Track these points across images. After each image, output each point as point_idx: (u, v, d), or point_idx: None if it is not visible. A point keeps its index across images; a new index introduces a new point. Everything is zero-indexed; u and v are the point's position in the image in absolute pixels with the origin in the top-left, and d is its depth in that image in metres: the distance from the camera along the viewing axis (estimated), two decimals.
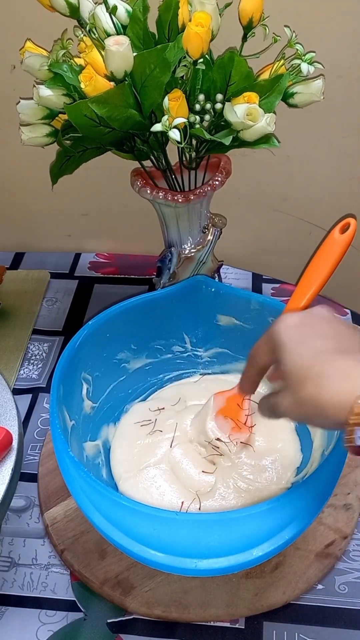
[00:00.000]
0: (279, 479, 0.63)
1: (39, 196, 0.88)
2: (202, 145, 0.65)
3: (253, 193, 0.90)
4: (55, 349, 0.84)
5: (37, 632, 0.57)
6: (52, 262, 0.98)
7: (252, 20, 0.61)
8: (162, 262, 0.74)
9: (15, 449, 0.58)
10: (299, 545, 0.60)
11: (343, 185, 0.88)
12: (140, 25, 0.59)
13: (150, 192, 0.67)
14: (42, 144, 0.65)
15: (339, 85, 0.77)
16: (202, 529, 0.49)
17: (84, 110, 0.57)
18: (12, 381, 0.79)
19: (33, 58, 0.61)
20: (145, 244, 0.95)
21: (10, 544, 0.63)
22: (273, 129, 0.60)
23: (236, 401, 0.66)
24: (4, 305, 0.90)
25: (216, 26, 0.60)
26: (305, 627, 0.56)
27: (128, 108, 0.58)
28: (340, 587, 0.59)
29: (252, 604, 0.57)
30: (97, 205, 0.95)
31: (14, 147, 0.68)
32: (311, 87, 0.63)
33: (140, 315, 0.69)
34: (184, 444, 0.66)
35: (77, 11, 0.59)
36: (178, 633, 0.57)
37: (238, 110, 0.58)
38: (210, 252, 0.73)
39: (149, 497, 0.62)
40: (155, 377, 0.74)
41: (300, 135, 0.82)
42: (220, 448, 0.65)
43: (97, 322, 0.66)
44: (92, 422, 0.67)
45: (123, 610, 0.58)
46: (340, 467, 0.52)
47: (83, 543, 0.61)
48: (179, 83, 0.61)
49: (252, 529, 0.49)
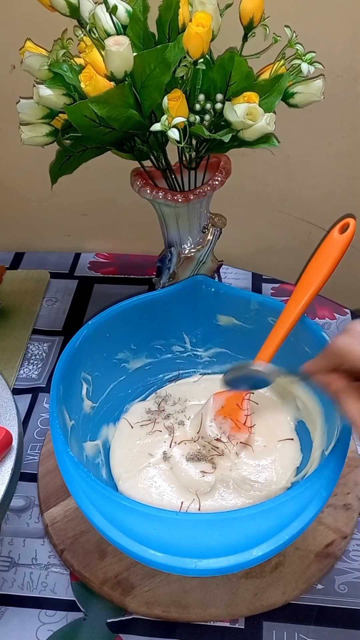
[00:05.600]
0: (278, 479, 0.63)
1: (38, 196, 0.88)
2: (202, 144, 0.65)
3: (253, 193, 0.90)
4: (55, 348, 0.84)
5: (37, 632, 0.57)
6: (52, 262, 0.98)
7: (253, 20, 0.61)
8: (162, 262, 0.75)
9: (15, 448, 0.58)
10: (298, 545, 0.60)
11: (343, 185, 0.88)
12: (140, 25, 0.59)
13: (150, 192, 0.67)
14: (42, 143, 0.65)
15: (338, 85, 0.78)
16: (202, 529, 0.49)
17: (83, 110, 0.57)
18: (12, 381, 0.79)
19: (33, 58, 0.61)
20: (145, 244, 0.95)
21: (10, 543, 0.63)
22: (273, 128, 0.60)
23: (236, 401, 0.66)
24: (4, 305, 0.90)
25: (217, 26, 0.60)
26: (305, 627, 0.56)
27: (128, 108, 0.58)
28: (340, 587, 0.59)
29: (251, 604, 0.57)
30: (97, 205, 0.95)
31: (14, 146, 0.68)
32: (311, 87, 0.63)
33: (140, 315, 0.69)
34: (183, 444, 0.66)
35: (77, 11, 0.59)
36: (178, 633, 0.57)
37: (238, 109, 0.58)
38: (210, 252, 0.73)
39: (148, 497, 0.62)
40: (155, 377, 0.74)
41: (300, 135, 0.82)
42: (219, 448, 0.65)
43: (97, 322, 0.66)
44: (92, 422, 0.67)
45: (123, 610, 0.58)
46: (340, 467, 0.52)
47: (83, 543, 0.61)
48: (179, 83, 0.61)
49: (251, 529, 0.49)
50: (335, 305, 0.89)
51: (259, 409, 0.68)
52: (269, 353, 0.64)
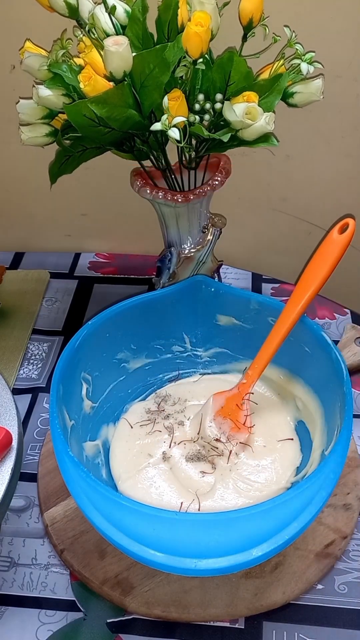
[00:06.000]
0: (278, 479, 0.63)
1: (38, 196, 0.88)
2: (202, 144, 0.65)
3: (253, 193, 0.90)
4: (55, 348, 0.84)
5: (36, 632, 0.57)
6: (52, 262, 0.98)
7: (252, 20, 0.61)
8: (161, 262, 0.74)
9: (15, 448, 0.58)
10: (298, 545, 0.60)
11: (342, 185, 0.88)
12: (139, 25, 0.59)
13: (149, 192, 0.67)
14: (41, 143, 0.65)
15: (338, 84, 0.78)
16: (201, 529, 0.49)
17: (83, 111, 0.57)
18: (11, 381, 0.79)
19: (32, 58, 0.61)
20: (145, 244, 0.95)
21: (10, 543, 0.63)
22: (272, 128, 0.60)
23: (235, 401, 0.66)
24: (3, 305, 0.90)
25: (216, 26, 0.60)
26: (305, 627, 0.56)
27: (127, 108, 0.58)
28: (340, 587, 0.59)
29: (251, 604, 0.57)
30: (97, 205, 0.95)
31: (14, 146, 0.68)
32: (311, 87, 0.63)
33: (140, 315, 0.69)
34: (183, 444, 0.66)
35: (76, 11, 0.59)
36: (178, 633, 0.57)
37: (237, 109, 0.58)
38: (210, 252, 0.73)
39: (148, 497, 0.62)
40: (155, 377, 0.74)
41: (299, 135, 0.82)
42: (219, 448, 0.65)
43: (96, 322, 0.66)
44: (92, 422, 0.67)
45: (123, 610, 0.58)
46: (340, 467, 0.52)
47: (83, 543, 0.61)
48: (179, 83, 0.61)
49: (251, 529, 0.49)
50: (335, 305, 0.89)
51: (258, 409, 0.68)
52: (268, 353, 0.64)
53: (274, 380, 0.71)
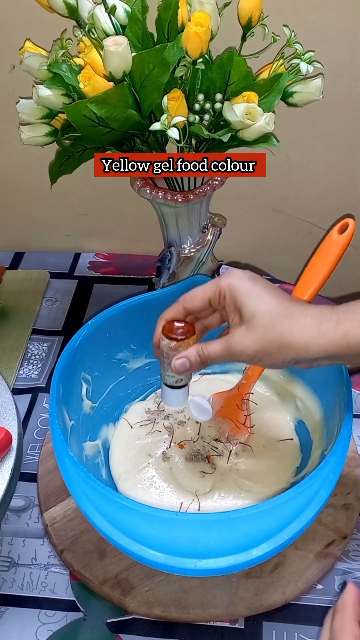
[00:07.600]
0: (278, 479, 0.63)
1: (38, 196, 0.88)
2: (201, 144, 0.65)
3: (253, 193, 0.90)
4: (55, 348, 0.84)
5: (36, 632, 0.57)
6: (52, 262, 0.98)
7: (251, 19, 0.61)
8: (161, 262, 0.74)
9: (14, 448, 0.58)
10: (298, 545, 0.60)
11: (342, 185, 0.88)
12: (139, 25, 0.59)
13: (149, 191, 0.66)
14: (41, 143, 0.65)
15: (338, 84, 0.77)
16: (201, 529, 0.49)
17: (82, 110, 0.57)
18: (11, 381, 0.79)
19: (32, 58, 0.61)
20: (145, 244, 0.95)
21: (9, 543, 0.63)
22: (272, 128, 0.60)
23: (235, 401, 0.66)
24: (3, 305, 0.90)
25: (215, 26, 0.60)
26: (305, 627, 0.56)
27: (127, 108, 0.58)
28: (340, 587, 0.59)
29: (251, 604, 0.57)
30: (97, 205, 0.95)
31: (14, 146, 0.68)
32: (310, 86, 0.63)
33: (140, 315, 0.69)
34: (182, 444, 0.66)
35: (76, 12, 0.59)
36: (177, 633, 0.56)
37: (237, 109, 0.58)
38: (210, 252, 0.73)
39: (148, 497, 0.62)
40: (154, 377, 0.74)
41: (299, 135, 0.82)
42: (219, 448, 0.65)
43: (96, 322, 0.66)
44: (92, 422, 0.67)
45: (123, 610, 0.58)
46: (340, 467, 0.52)
47: (82, 543, 0.61)
48: (178, 83, 0.61)
49: (251, 529, 0.49)
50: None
51: (258, 409, 0.68)
52: None
53: (274, 380, 0.71)
